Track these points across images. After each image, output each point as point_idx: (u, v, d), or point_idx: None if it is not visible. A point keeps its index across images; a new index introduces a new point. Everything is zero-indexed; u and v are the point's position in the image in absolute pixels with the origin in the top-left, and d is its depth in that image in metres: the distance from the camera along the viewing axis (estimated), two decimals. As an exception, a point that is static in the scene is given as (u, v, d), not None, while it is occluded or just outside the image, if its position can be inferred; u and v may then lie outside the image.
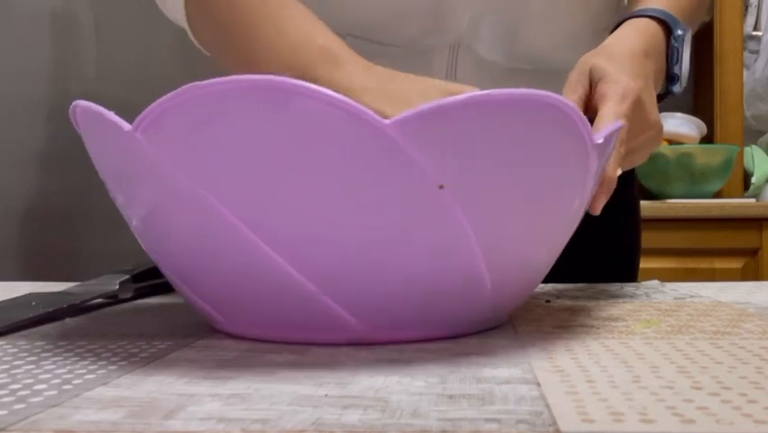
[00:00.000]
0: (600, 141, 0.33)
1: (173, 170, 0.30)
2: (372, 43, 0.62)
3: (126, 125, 0.30)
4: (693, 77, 2.24)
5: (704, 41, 2.14)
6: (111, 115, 0.31)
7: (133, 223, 0.35)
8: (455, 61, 0.61)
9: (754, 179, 1.99)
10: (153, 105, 0.29)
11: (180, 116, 0.29)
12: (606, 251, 0.70)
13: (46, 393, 0.25)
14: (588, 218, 0.56)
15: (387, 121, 0.27)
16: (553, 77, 0.65)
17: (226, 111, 0.28)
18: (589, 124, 0.31)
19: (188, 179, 0.30)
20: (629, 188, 0.73)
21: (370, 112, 0.27)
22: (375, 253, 0.30)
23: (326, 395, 0.24)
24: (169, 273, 0.36)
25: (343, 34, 0.63)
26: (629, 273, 0.72)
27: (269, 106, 0.28)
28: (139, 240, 0.36)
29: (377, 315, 0.32)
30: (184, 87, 0.28)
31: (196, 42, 0.55)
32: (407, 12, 0.58)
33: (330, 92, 0.27)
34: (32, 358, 0.31)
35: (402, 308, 0.32)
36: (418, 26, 0.59)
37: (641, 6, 0.56)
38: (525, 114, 0.29)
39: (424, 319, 0.33)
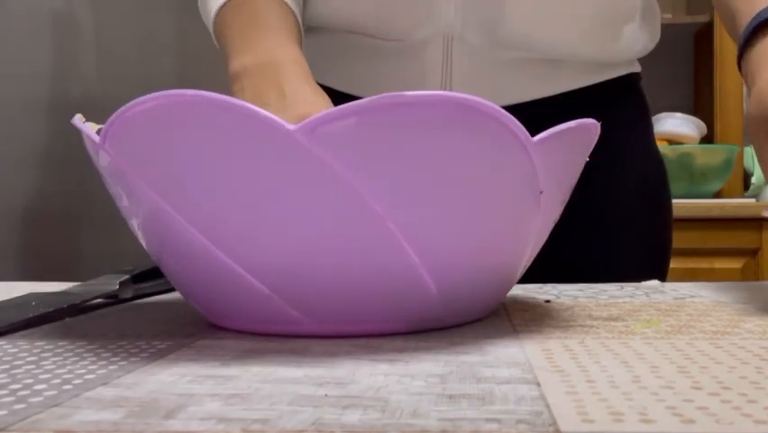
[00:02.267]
0: (538, 139, 0.32)
1: (137, 180, 0.32)
2: (368, 38, 0.63)
3: (96, 137, 0.32)
4: (693, 77, 2.25)
5: (704, 41, 2.14)
6: (86, 128, 0.34)
7: (130, 222, 0.37)
8: (450, 55, 0.62)
9: (754, 179, 1.99)
10: (111, 118, 0.31)
11: (130, 130, 0.31)
12: (640, 249, 0.70)
13: (46, 393, 0.25)
14: (623, 218, 0.56)
15: (292, 126, 0.28)
16: (554, 66, 0.65)
17: (169, 125, 0.30)
18: (517, 121, 0.30)
19: (150, 188, 0.32)
20: (663, 188, 0.73)
21: (277, 118, 0.28)
22: (312, 259, 0.31)
23: (326, 395, 0.24)
24: (163, 270, 0.38)
25: (341, 31, 0.65)
26: (661, 271, 0.72)
27: (202, 120, 0.29)
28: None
29: (323, 313, 0.33)
30: (130, 103, 0.30)
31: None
32: (397, 2, 0.60)
33: (242, 102, 0.28)
34: (32, 358, 0.31)
35: (345, 306, 0.33)
36: (410, 16, 0.61)
37: None
38: (442, 117, 0.29)
39: (371, 317, 0.34)
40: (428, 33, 0.61)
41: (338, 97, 0.66)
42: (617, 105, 0.69)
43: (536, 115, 0.53)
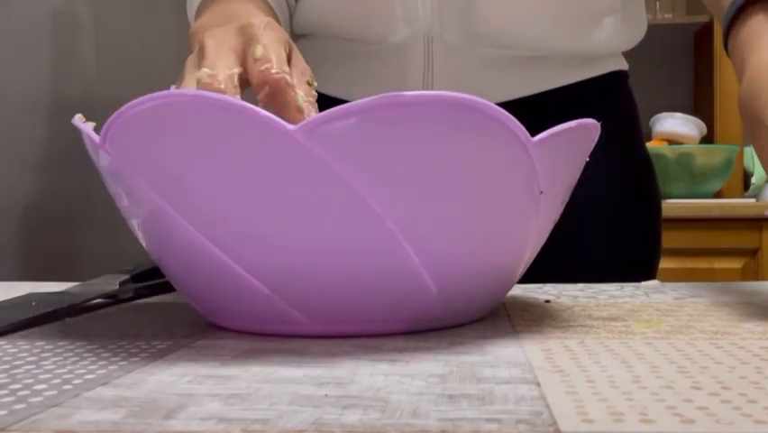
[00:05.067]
0: (538, 138, 0.32)
1: (137, 180, 0.32)
2: (349, 42, 0.64)
3: (96, 137, 0.32)
4: (693, 77, 2.25)
5: (704, 41, 2.14)
6: (86, 128, 0.34)
7: (130, 222, 0.37)
8: (431, 55, 0.62)
9: (754, 179, 1.99)
10: (111, 118, 0.31)
11: (130, 130, 0.31)
12: (624, 249, 0.69)
13: (46, 393, 0.25)
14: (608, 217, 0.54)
15: (292, 127, 0.28)
16: (536, 63, 0.65)
17: (169, 125, 0.30)
18: (517, 121, 0.30)
19: (150, 188, 0.32)
20: (650, 188, 0.73)
21: (277, 119, 0.28)
22: (312, 259, 0.31)
23: (326, 395, 0.24)
24: (163, 270, 0.38)
25: (325, 36, 0.66)
26: (647, 273, 0.71)
27: (202, 121, 0.29)
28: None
29: (323, 313, 0.33)
30: (130, 103, 0.30)
31: None
32: (373, 4, 0.61)
33: (242, 102, 0.28)
34: (32, 358, 0.31)
35: (345, 306, 0.33)
36: (384, 19, 0.61)
37: None
38: (442, 117, 0.29)
39: (371, 318, 0.34)
40: (407, 36, 0.62)
41: (325, 101, 0.67)
42: (602, 103, 0.69)
43: (522, 114, 0.53)
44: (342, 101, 0.62)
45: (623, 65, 0.72)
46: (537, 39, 0.63)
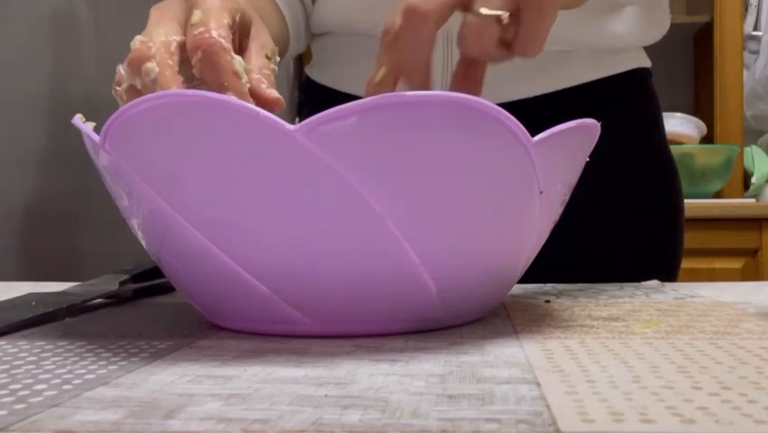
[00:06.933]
0: (537, 139, 0.32)
1: (137, 180, 0.32)
2: (370, 38, 0.64)
3: (96, 137, 0.32)
4: (693, 77, 2.25)
5: (704, 41, 2.14)
6: (86, 128, 0.34)
7: (130, 222, 0.37)
8: (450, 53, 0.61)
9: (754, 179, 1.99)
10: (111, 118, 0.31)
11: (130, 130, 0.31)
12: (644, 250, 0.69)
13: (46, 393, 0.25)
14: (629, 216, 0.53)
15: (292, 127, 0.28)
16: (556, 59, 0.64)
17: (169, 124, 0.30)
18: (517, 120, 0.30)
19: (150, 188, 0.32)
20: (670, 188, 0.72)
21: (277, 119, 0.28)
22: (312, 259, 0.31)
23: (326, 395, 0.24)
24: (163, 270, 0.38)
25: (344, 34, 0.66)
26: (669, 270, 0.70)
27: (202, 120, 0.29)
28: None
29: (323, 313, 0.33)
30: (130, 102, 0.30)
31: None
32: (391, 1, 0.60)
33: (244, 103, 0.29)
34: (32, 358, 0.31)
35: (345, 306, 0.33)
36: None
37: None
38: (442, 116, 0.29)
39: (371, 318, 0.34)
40: None
41: (344, 99, 0.67)
42: (623, 102, 0.68)
43: (540, 113, 0.52)
44: (360, 98, 0.62)
45: (645, 62, 0.70)
46: (559, 30, 0.62)
